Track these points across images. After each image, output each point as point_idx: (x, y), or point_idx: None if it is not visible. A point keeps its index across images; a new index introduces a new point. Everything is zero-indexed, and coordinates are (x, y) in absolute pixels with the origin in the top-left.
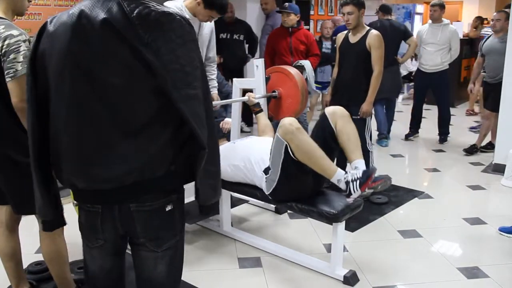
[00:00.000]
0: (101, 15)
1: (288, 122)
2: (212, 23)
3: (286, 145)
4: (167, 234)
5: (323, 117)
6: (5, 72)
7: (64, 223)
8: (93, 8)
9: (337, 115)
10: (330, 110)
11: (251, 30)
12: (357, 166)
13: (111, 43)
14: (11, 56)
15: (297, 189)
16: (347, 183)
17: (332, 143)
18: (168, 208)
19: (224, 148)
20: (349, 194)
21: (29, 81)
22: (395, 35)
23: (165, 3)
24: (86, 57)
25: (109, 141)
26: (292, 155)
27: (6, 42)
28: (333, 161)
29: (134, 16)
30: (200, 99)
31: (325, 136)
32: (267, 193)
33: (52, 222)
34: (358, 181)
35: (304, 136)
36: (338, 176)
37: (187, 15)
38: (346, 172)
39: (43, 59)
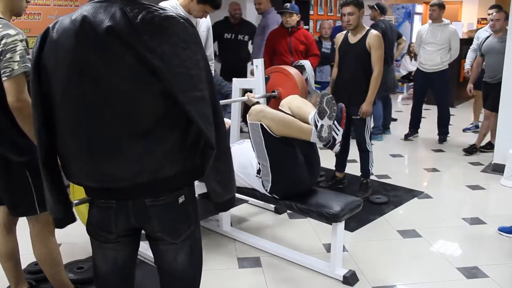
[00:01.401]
0: (105, 22)
1: (254, 107)
2: (209, 21)
3: (260, 124)
4: (182, 225)
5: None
6: (2, 72)
7: (74, 219)
8: (96, 14)
9: (287, 103)
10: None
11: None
12: (317, 119)
13: (116, 49)
14: (8, 55)
15: (294, 173)
16: (329, 127)
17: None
18: (181, 200)
19: None
20: (334, 142)
21: (34, 87)
22: (394, 36)
23: (161, 3)
24: (92, 63)
25: (119, 143)
26: (270, 132)
27: (3, 42)
28: None
29: (138, 22)
30: (207, 100)
31: None
32: (268, 191)
33: (63, 220)
34: (336, 121)
35: (272, 110)
36: (314, 132)
37: (182, 13)
38: (321, 126)
39: (48, 66)
